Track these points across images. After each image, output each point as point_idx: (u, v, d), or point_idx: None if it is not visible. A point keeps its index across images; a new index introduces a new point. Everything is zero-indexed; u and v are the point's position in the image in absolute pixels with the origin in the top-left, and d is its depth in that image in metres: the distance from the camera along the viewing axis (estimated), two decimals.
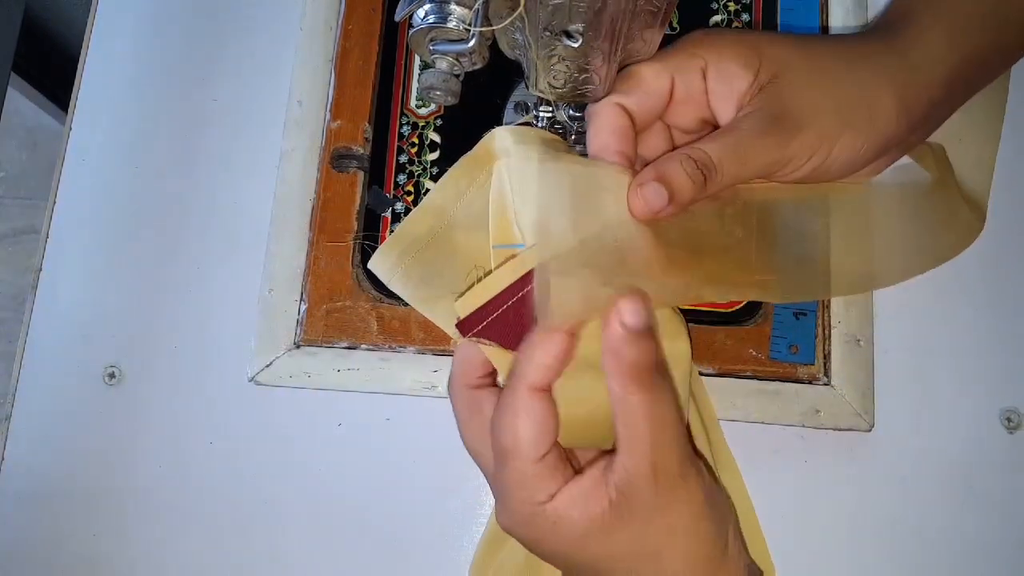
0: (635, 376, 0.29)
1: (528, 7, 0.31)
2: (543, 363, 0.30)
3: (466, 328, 0.33)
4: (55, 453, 0.43)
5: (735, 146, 0.32)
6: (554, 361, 0.30)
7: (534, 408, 0.30)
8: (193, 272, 0.45)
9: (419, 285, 0.41)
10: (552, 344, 0.30)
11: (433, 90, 0.36)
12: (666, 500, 0.30)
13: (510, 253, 0.39)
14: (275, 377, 0.42)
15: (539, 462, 0.30)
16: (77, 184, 0.46)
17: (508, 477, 0.31)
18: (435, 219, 0.41)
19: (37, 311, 0.45)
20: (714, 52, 0.34)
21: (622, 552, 0.30)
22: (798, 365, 0.41)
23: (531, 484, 0.30)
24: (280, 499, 0.42)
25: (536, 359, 0.30)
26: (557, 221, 0.33)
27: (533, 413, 0.30)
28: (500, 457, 0.31)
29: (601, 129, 0.34)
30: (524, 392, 0.30)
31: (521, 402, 0.30)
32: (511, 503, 0.31)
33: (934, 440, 0.41)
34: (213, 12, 0.49)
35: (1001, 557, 0.40)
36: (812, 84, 0.33)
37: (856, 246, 0.39)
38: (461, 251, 0.41)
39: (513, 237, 0.39)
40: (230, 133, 0.47)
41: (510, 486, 0.31)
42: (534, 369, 0.30)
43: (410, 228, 0.41)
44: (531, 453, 0.30)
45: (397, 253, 0.41)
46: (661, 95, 0.34)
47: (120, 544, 0.41)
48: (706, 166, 0.32)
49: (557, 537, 0.31)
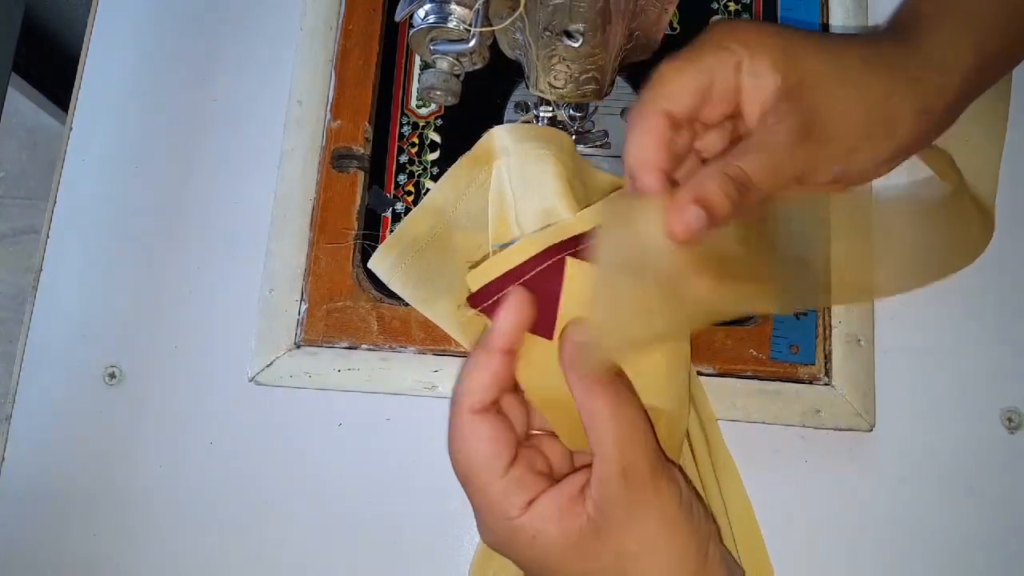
0: (594, 380, 0.30)
1: (528, 7, 0.31)
2: (481, 385, 0.31)
3: (477, 301, 0.33)
4: (55, 453, 0.43)
5: (771, 160, 0.31)
6: (492, 381, 0.31)
7: (480, 429, 0.31)
8: (193, 272, 0.45)
9: (419, 285, 0.41)
10: (489, 364, 0.31)
11: (433, 90, 0.36)
12: (639, 506, 0.30)
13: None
14: (275, 377, 0.42)
15: (503, 478, 0.31)
16: (77, 184, 0.46)
17: (478, 500, 0.32)
18: (435, 219, 0.41)
19: (37, 311, 0.45)
20: (747, 49, 0.32)
21: (601, 566, 0.31)
22: (799, 365, 0.41)
23: (500, 501, 0.31)
24: (280, 499, 0.42)
25: (474, 381, 0.31)
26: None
27: (480, 433, 0.31)
28: (464, 480, 0.32)
29: (646, 140, 0.32)
30: (466, 416, 0.31)
31: (467, 426, 0.31)
32: (488, 522, 0.32)
33: (934, 440, 0.41)
34: (213, 12, 0.49)
35: (1001, 557, 0.40)
36: (838, 92, 0.33)
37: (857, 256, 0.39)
38: (460, 251, 0.41)
39: (511, 236, 0.39)
40: (230, 133, 0.47)
41: (482, 508, 0.32)
42: (472, 392, 0.31)
43: (410, 228, 0.41)
44: (490, 472, 0.31)
45: (397, 253, 0.41)
46: (701, 97, 0.33)
47: (120, 544, 0.41)
48: (743, 184, 0.31)
49: (537, 552, 0.31)
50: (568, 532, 0.30)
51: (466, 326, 0.40)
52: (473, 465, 0.31)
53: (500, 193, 0.39)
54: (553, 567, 0.31)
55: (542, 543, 0.31)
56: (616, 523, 0.30)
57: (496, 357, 0.31)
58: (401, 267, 0.41)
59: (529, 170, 0.39)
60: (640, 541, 0.30)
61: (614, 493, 0.30)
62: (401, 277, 0.41)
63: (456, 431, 0.32)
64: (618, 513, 0.30)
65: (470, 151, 0.39)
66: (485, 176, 0.40)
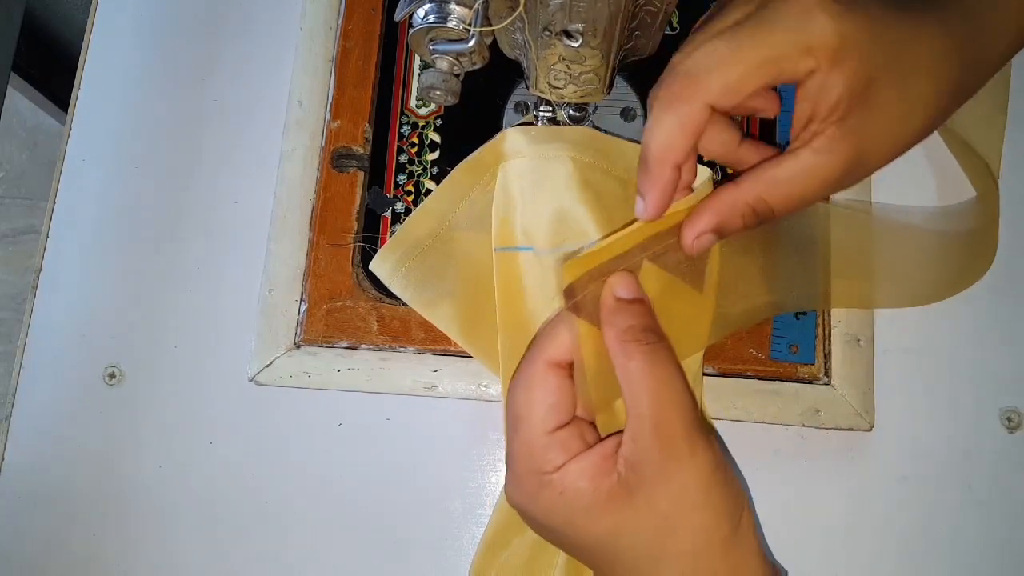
0: (632, 338, 0.30)
1: (528, 7, 0.31)
2: (565, 341, 0.31)
3: (570, 296, 0.32)
4: (55, 453, 0.43)
5: (803, 194, 0.30)
6: (575, 342, 0.31)
7: (549, 380, 0.31)
8: (193, 272, 0.45)
9: (420, 288, 0.41)
10: (575, 326, 0.31)
11: (433, 90, 0.36)
12: (673, 465, 0.29)
13: (514, 255, 0.39)
14: (275, 377, 0.42)
15: (550, 435, 0.31)
16: (77, 184, 0.46)
17: (518, 447, 0.31)
18: (436, 221, 0.41)
19: (37, 311, 0.45)
20: (828, 59, 0.28)
21: (630, 528, 0.30)
22: (798, 365, 0.41)
23: (539, 455, 0.31)
24: (280, 499, 0.42)
25: (560, 336, 0.31)
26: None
27: (548, 384, 0.31)
28: (513, 424, 0.32)
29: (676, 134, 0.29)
30: (541, 364, 0.31)
31: (538, 374, 0.31)
32: (519, 472, 0.32)
33: (934, 440, 0.41)
34: (213, 12, 0.49)
35: (1001, 557, 0.40)
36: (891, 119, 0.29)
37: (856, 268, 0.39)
38: (462, 254, 0.41)
39: (515, 240, 0.39)
40: (230, 133, 0.47)
41: (519, 456, 0.31)
42: (556, 346, 0.31)
43: (411, 231, 0.41)
44: (542, 425, 0.31)
45: (398, 256, 0.41)
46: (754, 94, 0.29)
47: (120, 544, 0.41)
48: (766, 215, 0.30)
49: (564, 510, 0.30)
50: (599, 489, 0.30)
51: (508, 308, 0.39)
52: (528, 412, 0.31)
53: (506, 195, 0.39)
54: (579, 526, 0.31)
55: (571, 499, 0.30)
56: (648, 481, 0.29)
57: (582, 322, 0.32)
58: (402, 270, 0.41)
59: (540, 172, 0.38)
60: (672, 501, 0.30)
61: (647, 451, 0.29)
62: (402, 280, 0.41)
63: (524, 375, 0.32)
64: (650, 471, 0.29)
65: (475, 154, 0.39)
66: (489, 178, 0.40)
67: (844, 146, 0.29)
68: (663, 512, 0.30)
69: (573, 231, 0.38)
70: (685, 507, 0.30)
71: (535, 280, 0.39)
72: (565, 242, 0.38)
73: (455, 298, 0.40)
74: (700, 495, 0.30)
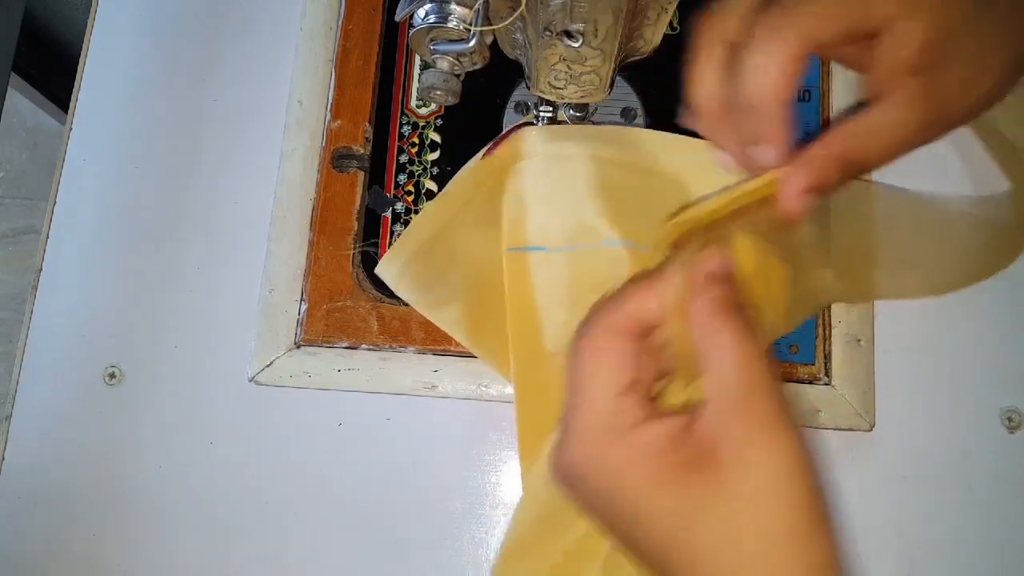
0: (720, 310, 0.29)
1: (529, 7, 0.31)
2: (641, 308, 0.30)
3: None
4: (55, 453, 0.43)
5: (887, 146, 0.31)
6: (656, 308, 0.30)
7: (621, 346, 0.30)
8: (193, 272, 0.45)
9: (425, 290, 0.41)
10: (652, 296, 0.30)
11: (433, 90, 0.36)
12: (752, 451, 0.27)
13: (523, 256, 0.39)
14: (275, 377, 0.42)
15: (619, 396, 0.29)
16: (77, 184, 0.46)
17: (582, 407, 0.30)
18: (440, 224, 0.40)
19: (37, 311, 0.45)
20: (904, 6, 0.29)
21: (696, 509, 0.27)
22: (798, 365, 0.41)
23: (608, 415, 0.29)
24: (280, 499, 0.42)
25: (635, 301, 0.30)
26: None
27: (619, 351, 0.30)
28: (576, 382, 0.31)
29: (780, 83, 0.30)
30: (615, 329, 0.30)
31: (611, 340, 0.30)
32: (584, 430, 0.30)
33: (934, 440, 0.41)
34: (213, 12, 0.49)
35: (1001, 557, 0.40)
36: (968, 75, 0.30)
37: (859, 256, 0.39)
38: (467, 255, 0.41)
39: (527, 239, 0.39)
40: (230, 133, 0.47)
41: (584, 417, 0.30)
42: (627, 311, 0.30)
43: (415, 233, 0.41)
44: (609, 384, 0.30)
45: (403, 259, 0.41)
46: (834, 36, 0.30)
47: (120, 544, 0.41)
48: (856, 169, 0.31)
49: (625, 482, 0.28)
50: (670, 464, 0.28)
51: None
52: (596, 370, 0.30)
53: (519, 195, 0.39)
54: (645, 498, 0.28)
55: (636, 468, 0.28)
56: (723, 462, 0.27)
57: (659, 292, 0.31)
58: (408, 273, 0.40)
59: (554, 172, 0.38)
60: (746, 488, 0.27)
61: (727, 426, 0.27)
62: (408, 283, 0.41)
63: (594, 338, 0.31)
64: (727, 451, 0.27)
65: (493, 153, 0.39)
66: (494, 181, 0.40)
67: (922, 98, 0.29)
68: (734, 495, 0.27)
69: (589, 229, 0.38)
70: (760, 497, 0.27)
71: (545, 279, 0.39)
72: (579, 241, 0.38)
73: (461, 299, 0.40)
74: (779, 487, 0.27)
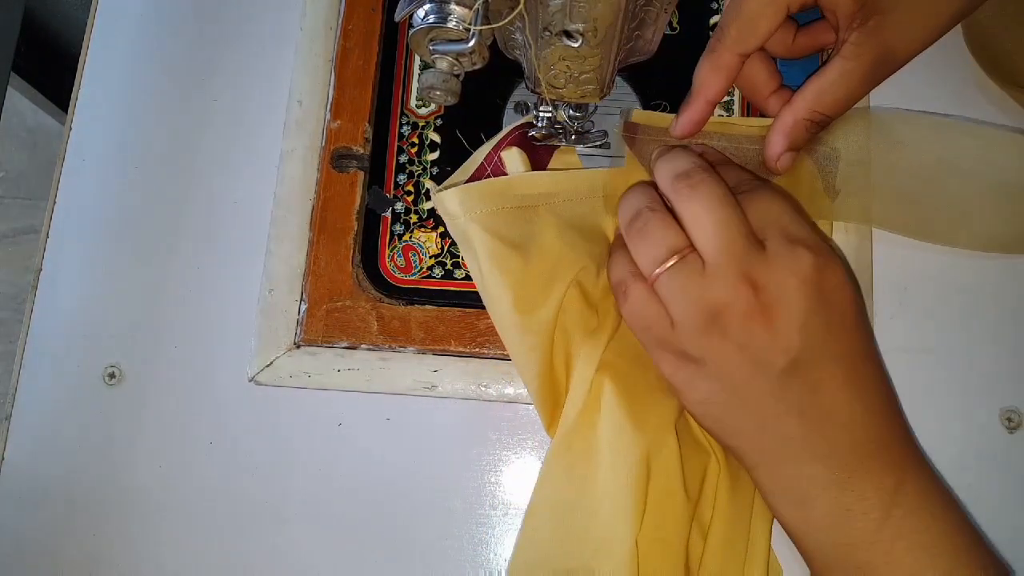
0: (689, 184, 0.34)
1: (528, 7, 0.31)
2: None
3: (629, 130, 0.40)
4: (55, 453, 0.43)
5: (846, 97, 0.35)
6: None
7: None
8: (193, 272, 0.45)
9: (506, 228, 0.38)
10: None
11: (433, 90, 0.36)
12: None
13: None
14: (275, 377, 0.42)
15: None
16: (77, 184, 0.46)
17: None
18: (546, 193, 0.39)
19: (37, 311, 0.45)
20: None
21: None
22: None
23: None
24: (280, 499, 0.42)
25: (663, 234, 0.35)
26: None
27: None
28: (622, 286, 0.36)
29: (713, 78, 0.37)
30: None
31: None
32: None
33: (934, 440, 0.41)
34: (213, 12, 0.49)
35: (1001, 557, 0.40)
36: (912, 14, 0.34)
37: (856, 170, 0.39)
38: (542, 235, 0.39)
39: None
40: (230, 133, 0.47)
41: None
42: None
43: (520, 184, 0.39)
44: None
45: (496, 190, 0.38)
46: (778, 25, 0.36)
47: (120, 544, 0.41)
48: (823, 121, 0.36)
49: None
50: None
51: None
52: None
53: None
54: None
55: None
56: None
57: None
58: (492, 207, 0.37)
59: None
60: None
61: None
62: (485, 218, 0.37)
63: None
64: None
65: (615, 174, 0.41)
66: (599, 205, 0.40)
67: (868, 48, 0.34)
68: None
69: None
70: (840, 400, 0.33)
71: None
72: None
73: (529, 260, 0.37)
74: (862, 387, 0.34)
